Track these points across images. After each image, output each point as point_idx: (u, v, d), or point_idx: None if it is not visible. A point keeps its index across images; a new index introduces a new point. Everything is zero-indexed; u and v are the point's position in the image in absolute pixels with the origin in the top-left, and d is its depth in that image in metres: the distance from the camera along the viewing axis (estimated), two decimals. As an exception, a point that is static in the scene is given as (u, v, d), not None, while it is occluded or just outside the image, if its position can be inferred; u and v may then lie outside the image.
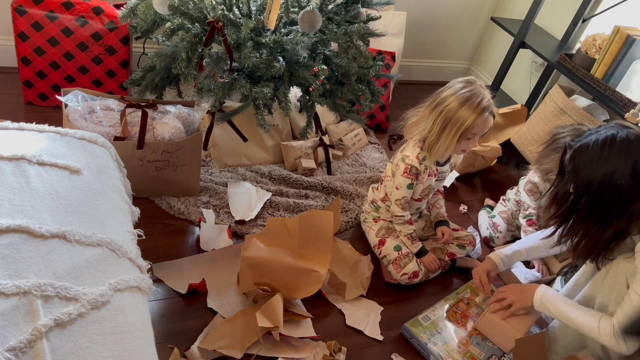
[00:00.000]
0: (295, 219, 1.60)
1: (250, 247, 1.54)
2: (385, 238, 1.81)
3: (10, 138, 1.10)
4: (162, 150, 1.70)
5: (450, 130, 1.58)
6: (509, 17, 2.95)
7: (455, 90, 1.58)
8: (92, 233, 0.98)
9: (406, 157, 1.68)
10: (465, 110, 1.55)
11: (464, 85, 1.59)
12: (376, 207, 1.88)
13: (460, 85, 1.59)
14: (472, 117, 1.54)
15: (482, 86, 1.60)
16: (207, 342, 1.39)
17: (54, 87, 2.09)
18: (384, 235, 1.82)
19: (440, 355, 1.53)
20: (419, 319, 1.63)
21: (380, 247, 1.81)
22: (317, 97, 1.84)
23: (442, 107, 1.58)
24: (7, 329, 0.77)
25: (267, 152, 2.19)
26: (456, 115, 1.56)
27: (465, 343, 1.59)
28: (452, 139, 1.59)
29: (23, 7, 1.91)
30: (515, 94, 3.08)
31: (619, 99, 2.10)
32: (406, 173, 1.69)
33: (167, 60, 1.72)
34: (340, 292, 1.69)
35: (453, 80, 1.64)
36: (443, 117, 1.58)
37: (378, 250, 1.82)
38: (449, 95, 1.58)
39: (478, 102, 1.54)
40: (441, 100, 1.60)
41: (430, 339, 1.57)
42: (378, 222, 1.86)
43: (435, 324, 1.62)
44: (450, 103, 1.57)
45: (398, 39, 2.69)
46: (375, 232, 1.84)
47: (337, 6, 1.81)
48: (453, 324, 1.64)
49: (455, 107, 1.56)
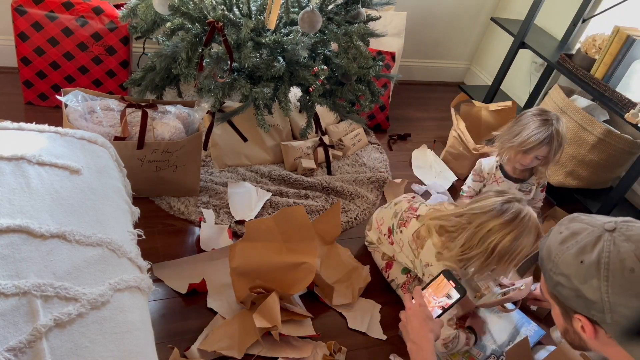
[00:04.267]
0: (270, 218, 1.57)
1: (236, 256, 1.52)
2: (391, 261, 1.76)
3: (10, 138, 1.10)
4: (162, 150, 1.70)
5: (508, 260, 1.43)
6: (509, 17, 2.95)
7: (506, 221, 1.40)
8: (92, 233, 0.98)
9: (452, 269, 1.46)
10: (524, 239, 1.40)
11: (511, 212, 1.41)
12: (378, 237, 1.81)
13: (507, 210, 1.41)
14: (532, 241, 1.41)
15: (522, 201, 1.45)
16: (207, 344, 1.39)
17: (54, 87, 2.09)
18: (390, 258, 1.77)
19: (438, 355, 1.53)
20: None
21: (388, 271, 1.77)
22: (317, 97, 1.84)
23: (496, 241, 1.40)
24: (7, 329, 0.77)
25: (267, 152, 2.19)
26: (515, 245, 1.40)
27: None
28: (509, 266, 1.45)
29: (23, 7, 1.91)
30: (515, 94, 3.08)
31: (619, 99, 2.10)
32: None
33: (167, 60, 1.72)
34: (327, 296, 1.65)
35: (491, 200, 1.44)
36: (500, 251, 1.41)
37: (386, 273, 1.77)
38: (500, 226, 1.40)
39: (535, 226, 1.41)
40: (492, 230, 1.41)
41: None
42: (383, 244, 1.80)
43: None
44: (506, 236, 1.40)
45: (398, 39, 2.69)
46: (381, 254, 1.79)
47: (337, 6, 1.81)
48: None
49: (511, 239, 1.40)
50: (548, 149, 1.74)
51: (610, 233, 0.85)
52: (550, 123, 1.73)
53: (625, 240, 0.84)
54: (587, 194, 2.35)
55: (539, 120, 1.75)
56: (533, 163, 1.79)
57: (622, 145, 2.19)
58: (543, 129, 1.72)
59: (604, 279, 0.83)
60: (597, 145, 2.20)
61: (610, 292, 0.83)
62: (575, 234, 0.89)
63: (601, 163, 2.25)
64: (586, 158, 2.25)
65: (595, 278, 0.84)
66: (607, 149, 2.21)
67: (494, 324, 1.68)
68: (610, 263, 0.83)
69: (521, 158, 1.78)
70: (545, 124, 1.73)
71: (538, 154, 1.75)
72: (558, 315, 0.96)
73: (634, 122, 1.96)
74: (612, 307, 0.83)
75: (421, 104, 3.05)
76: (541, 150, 1.74)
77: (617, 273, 0.82)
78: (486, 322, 1.67)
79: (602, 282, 0.83)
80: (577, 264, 0.86)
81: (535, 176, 1.90)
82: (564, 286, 0.88)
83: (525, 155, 1.77)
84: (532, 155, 1.76)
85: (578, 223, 0.91)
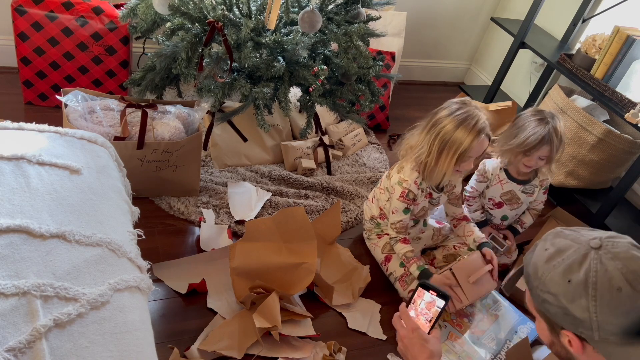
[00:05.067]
0: (270, 219, 1.57)
1: (236, 256, 1.52)
2: (391, 254, 1.78)
3: (10, 138, 1.10)
4: (162, 150, 1.70)
5: (447, 154, 1.54)
6: (509, 17, 2.95)
7: (450, 112, 1.55)
8: (91, 233, 0.98)
9: (404, 180, 1.65)
10: (461, 132, 1.51)
11: (459, 106, 1.55)
12: (377, 223, 1.85)
13: (455, 106, 1.56)
14: (469, 139, 1.51)
15: (476, 107, 1.56)
16: (207, 344, 1.39)
17: (54, 87, 2.09)
18: (389, 251, 1.79)
19: None
20: None
21: (386, 264, 1.79)
22: (317, 97, 1.84)
23: (438, 129, 1.55)
24: (6, 329, 0.77)
25: (267, 152, 2.19)
26: (452, 138, 1.52)
27: (460, 343, 1.60)
28: (449, 163, 1.55)
29: (23, 7, 1.91)
30: (515, 94, 3.08)
31: (619, 99, 2.10)
32: (403, 197, 1.65)
33: (167, 60, 1.72)
34: (327, 296, 1.65)
35: (448, 101, 1.60)
36: (439, 140, 1.55)
37: (385, 267, 1.80)
38: (443, 117, 1.55)
39: (474, 124, 1.51)
40: (436, 121, 1.57)
41: None
42: (382, 237, 1.83)
43: None
44: (445, 126, 1.54)
45: (398, 39, 2.69)
46: (381, 248, 1.81)
47: (337, 6, 1.81)
48: (448, 324, 1.64)
49: (451, 130, 1.52)
50: (549, 147, 1.74)
51: (597, 251, 0.85)
52: (546, 122, 1.73)
53: (611, 258, 0.83)
54: (587, 194, 2.35)
55: (535, 120, 1.75)
56: (538, 164, 1.79)
57: (622, 145, 2.19)
58: (540, 128, 1.73)
59: (592, 298, 0.83)
60: (597, 145, 2.20)
61: (598, 312, 0.83)
62: (561, 252, 0.88)
63: (601, 163, 2.25)
64: (586, 158, 2.25)
65: (583, 297, 0.83)
66: (607, 149, 2.20)
67: (491, 322, 1.69)
68: (597, 282, 0.83)
69: (525, 160, 1.78)
70: (542, 123, 1.73)
71: (541, 154, 1.75)
72: (544, 330, 0.96)
73: (634, 122, 1.96)
74: (600, 326, 0.83)
75: (421, 104, 3.04)
76: (543, 150, 1.74)
77: (605, 292, 0.82)
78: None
79: (590, 302, 0.83)
80: (565, 283, 0.86)
81: (539, 177, 1.89)
82: (551, 304, 0.88)
83: (528, 157, 1.77)
84: (536, 156, 1.76)
85: (563, 239, 0.90)
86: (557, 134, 1.73)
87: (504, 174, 1.89)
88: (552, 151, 1.74)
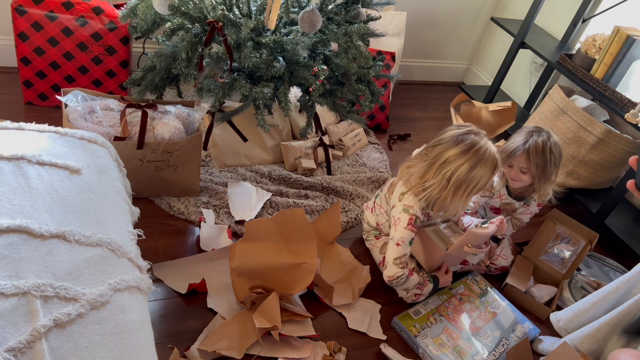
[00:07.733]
0: (270, 220, 1.56)
1: (236, 256, 1.51)
2: None
3: (10, 138, 1.10)
4: (162, 150, 1.70)
5: (464, 191, 1.49)
6: (509, 17, 2.96)
7: (461, 151, 1.47)
8: (91, 233, 0.98)
9: (409, 207, 1.56)
10: (479, 171, 1.46)
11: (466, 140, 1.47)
12: (374, 228, 1.85)
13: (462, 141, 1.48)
14: (487, 176, 1.47)
15: (479, 133, 1.50)
16: (207, 344, 1.39)
17: (54, 87, 2.09)
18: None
19: (429, 349, 1.54)
20: (409, 312, 1.65)
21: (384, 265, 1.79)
22: (317, 97, 1.84)
23: (452, 170, 1.47)
24: (6, 329, 0.77)
25: (267, 152, 2.19)
26: (470, 177, 1.46)
27: (455, 337, 1.61)
28: (466, 198, 1.51)
29: (23, 7, 1.91)
30: (515, 94, 3.08)
31: (619, 99, 2.10)
32: (411, 225, 1.56)
33: (167, 60, 1.72)
34: (327, 296, 1.65)
35: (448, 132, 1.53)
36: (455, 180, 1.47)
37: (383, 267, 1.78)
38: (453, 157, 1.47)
39: (490, 160, 1.46)
40: (446, 160, 1.48)
41: (419, 332, 1.59)
42: (380, 239, 1.83)
43: (425, 318, 1.64)
44: (460, 166, 1.46)
45: (398, 39, 2.69)
46: (379, 249, 1.81)
47: (337, 6, 1.81)
48: (444, 318, 1.65)
49: (466, 170, 1.46)
50: (525, 157, 1.70)
51: None
52: (531, 134, 1.71)
53: None
54: (587, 194, 2.35)
55: (525, 132, 1.75)
56: (520, 176, 1.76)
57: (622, 145, 2.19)
58: (522, 139, 1.72)
59: None
60: (597, 145, 2.20)
61: None
62: None
63: (601, 163, 2.25)
64: (586, 158, 2.25)
65: None
66: (607, 149, 2.21)
67: (489, 320, 1.70)
68: None
69: (506, 170, 1.78)
70: (529, 135, 1.72)
71: (520, 165, 1.73)
72: None
73: (634, 122, 1.96)
74: None
75: (421, 104, 3.05)
76: (519, 159, 1.71)
77: None
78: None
79: None
80: None
81: (537, 193, 1.87)
82: None
83: (509, 167, 1.77)
84: (515, 167, 1.75)
85: None
86: (540, 148, 1.69)
87: (504, 190, 1.89)
88: (528, 162, 1.70)
